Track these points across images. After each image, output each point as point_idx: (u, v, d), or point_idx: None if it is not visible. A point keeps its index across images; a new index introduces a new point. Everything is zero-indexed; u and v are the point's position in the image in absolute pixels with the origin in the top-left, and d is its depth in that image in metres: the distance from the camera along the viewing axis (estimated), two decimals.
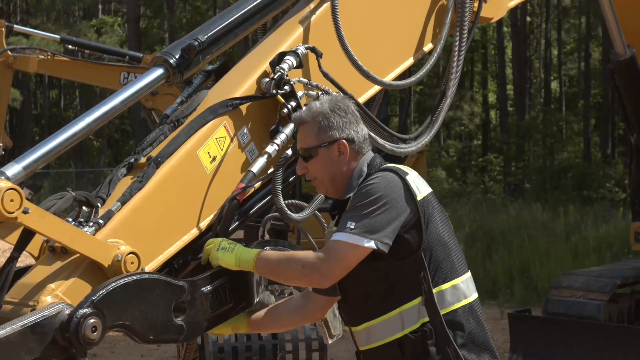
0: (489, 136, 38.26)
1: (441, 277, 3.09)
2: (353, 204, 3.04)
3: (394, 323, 3.08)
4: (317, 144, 3.15)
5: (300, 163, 3.21)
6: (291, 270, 3.05)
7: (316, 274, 3.02)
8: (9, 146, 7.76)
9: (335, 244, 3.00)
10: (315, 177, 3.20)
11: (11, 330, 2.55)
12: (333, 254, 3.00)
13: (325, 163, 3.17)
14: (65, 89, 44.46)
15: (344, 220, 3.02)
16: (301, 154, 3.20)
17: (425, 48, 4.04)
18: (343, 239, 2.98)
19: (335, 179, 3.19)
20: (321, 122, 3.14)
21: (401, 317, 3.07)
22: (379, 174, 3.09)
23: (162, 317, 2.84)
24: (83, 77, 8.70)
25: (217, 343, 7.22)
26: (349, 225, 2.99)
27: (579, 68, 40.35)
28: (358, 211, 3.01)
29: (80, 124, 3.07)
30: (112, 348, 9.76)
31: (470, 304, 3.16)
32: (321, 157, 3.16)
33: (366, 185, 3.06)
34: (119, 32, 40.10)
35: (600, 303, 7.78)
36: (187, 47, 3.37)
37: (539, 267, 13.50)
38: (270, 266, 3.07)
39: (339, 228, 3.02)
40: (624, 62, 7.86)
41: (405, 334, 3.07)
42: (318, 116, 3.15)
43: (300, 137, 3.20)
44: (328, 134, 3.15)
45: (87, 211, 2.93)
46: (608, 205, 21.72)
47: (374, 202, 3.00)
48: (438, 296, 3.07)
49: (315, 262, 3.00)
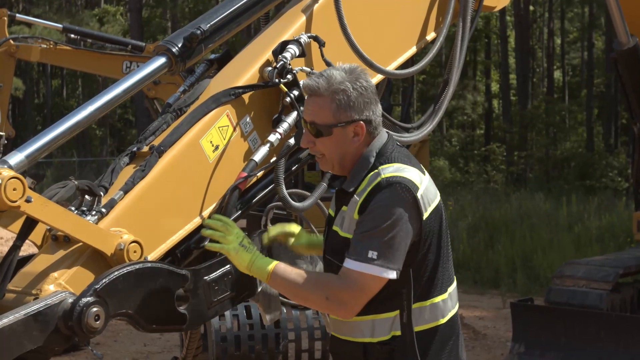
0: (491, 125, 38.23)
1: (424, 294, 2.98)
2: (368, 226, 2.87)
3: (364, 327, 2.97)
4: (333, 122, 2.94)
5: (307, 136, 3.01)
6: (314, 297, 2.93)
7: (342, 309, 2.91)
8: (11, 135, 7.75)
9: (359, 277, 2.85)
10: (323, 154, 3.01)
11: (14, 318, 2.55)
12: (359, 288, 2.87)
13: (337, 143, 2.97)
14: (67, 78, 44.44)
15: (362, 244, 2.86)
16: (310, 127, 2.99)
17: (428, 37, 4.03)
18: (367, 272, 2.84)
19: (344, 159, 3.00)
20: (341, 99, 2.93)
21: (373, 324, 2.96)
22: (392, 189, 2.89)
23: (164, 306, 2.85)
24: (85, 67, 8.68)
25: (220, 332, 7.24)
26: (371, 256, 2.84)
27: (582, 57, 40.28)
28: (377, 238, 2.85)
29: (82, 113, 3.07)
30: (115, 337, 9.78)
31: (445, 323, 3.04)
32: (335, 137, 2.96)
33: (380, 207, 2.87)
34: (121, 21, 40.07)
35: (603, 292, 7.78)
36: (189, 35, 3.36)
37: (542, 257, 13.52)
38: (289, 285, 2.92)
39: (356, 252, 2.86)
40: (627, 51, 7.85)
41: (372, 342, 2.97)
42: (338, 92, 2.93)
43: (312, 110, 2.97)
44: (347, 114, 2.94)
45: (90, 200, 2.94)
46: (611, 194, 21.70)
47: (391, 227, 2.85)
48: (416, 312, 2.95)
49: (341, 296, 2.88)
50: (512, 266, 13.56)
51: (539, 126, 33.25)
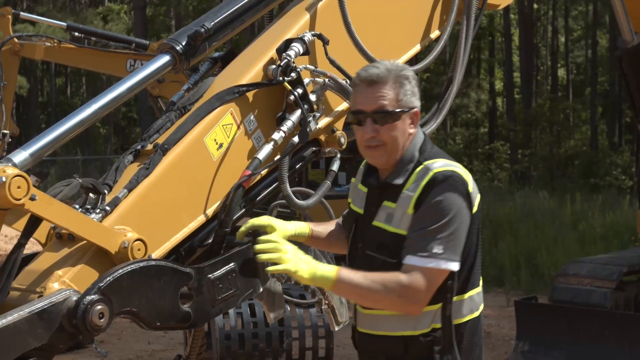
0: (495, 124, 38.22)
1: (463, 288, 3.06)
2: (431, 221, 2.92)
3: (407, 321, 3.03)
4: (399, 107, 3.03)
5: (370, 125, 3.05)
6: (385, 298, 2.94)
7: (414, 305, 2.96)
8: (15, 133, 7.74)
9: (428, 272, 2.91)
10: (385, 143, 3.06)
11: (19, 316, 2.55)
12: (429, 283, 2.92)
13: (400, 130, 3.05)
14: (71, 76, 44.51)
15: (427, 239, 2.92)
16: (376, 116, 3.04)
17: (432, 35, 4.02)
18: (436, 267, 2.91)
19: (400, 150, 3.07)
20: (406, 85, 3.04)
21: (417, 317, 3.02)
22: (448, 182, 2.96)
23: (168, 304, 2.85)
24: (89, 65, 8.69)
25: (223, 330, 7.25)
26: (437, 250, 2.90)
27: (586, 55, 40.25)
28: (441, 232, 2.91)
29: (86, 111, 3.07)
30: (119, 335, 9.80)
31: (478, 317, 3.15)
32: (400, 123, 3.04)
33: (440, 201, 2.93)
34: (125, 19, 40.12)
35: (607, 291, 7.78)
36: (193, 34, 3.36)
37: (546, 255, 13.51)
38: (355, 289, 2.95)
39: (422, 248, 2.91)
40: (631, 49, 7.83)
41: (414, 335, 3.03)
42: (402, 78, 3.03)
43: (377, 97, 3.03)
44: (411, 100, 3.05)
45: (94, 198, 2.94)
46: (615, 193, 21.71)
47: (453, 220, 2.93)
48: (455, 305, 3.04)
49: (413, 293, 2.91)
50: (516, 264, 13.55)
51: (543, 124, 33.22)
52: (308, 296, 7.04)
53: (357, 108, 3.10)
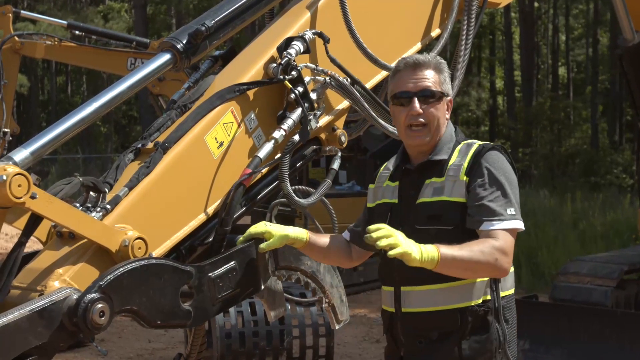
0: (496, 122, 38.21)
1: None
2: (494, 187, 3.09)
3: (464, 292, 3.12)
4: (441, 90, 3.24)
5: (416, 104, 3.21)
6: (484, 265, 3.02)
7: (508, 265, 3.08)
8: (16, 132, 7.75)
9: (512, 233, 3.08)
10: (428, 122, 3.23)
11: (19, 315, 2.55)
12: (512, 244, 3.08)
13: (441, 111, 3.25)
14: (72, 74, 44.51)
15: (497, 204, 3.07)
16: (420, 97, 3.21)
17: (432, 33, 4.02)
18: (514, 227, 3.09)
19: (440, 132, 3.27)
20: (445, 72, 3.27)
21: (473, 287, 3.12)
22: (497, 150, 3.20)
23: (169, 302, 2.85)
24: (90, 63, 8.69)
25: (224, 328, 7.25)
26: (510, 212, 3.08)
27: (587, 54, 40.24)
28: (507, 196, 3.10)
29: (87, 109, 3.06)
30: (119, 333, 9.80)
31: (513, 294, 3.28)
32: (442, 105, 3.25)
33: (496, 168, 3.13)
34: (125, 18, 40.11)
35: (608, 289, 7.78)
36: (194, 32, 3.36)
37: (546, 254, 13.51)
38: (458, 262, 2.98)
39: (496, 213, 3.06)
40: (632, 48, 7.82)
41: (469, 305, 3.11)
42: (442, 65, 3.26)
43: (421, 78, 3.22)
44: (448, 86, 3.29)
45: (95, 196, 2.93)
46: (615, 191, 21.70)
47: (512, 183, 3.13)
48: (504, 278, 3.17)
49: (503, 256, 3.04)
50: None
51: (544, 123, 33.20)
52: (308, 295, 7.05)
53: (402, 90, 3.25)
